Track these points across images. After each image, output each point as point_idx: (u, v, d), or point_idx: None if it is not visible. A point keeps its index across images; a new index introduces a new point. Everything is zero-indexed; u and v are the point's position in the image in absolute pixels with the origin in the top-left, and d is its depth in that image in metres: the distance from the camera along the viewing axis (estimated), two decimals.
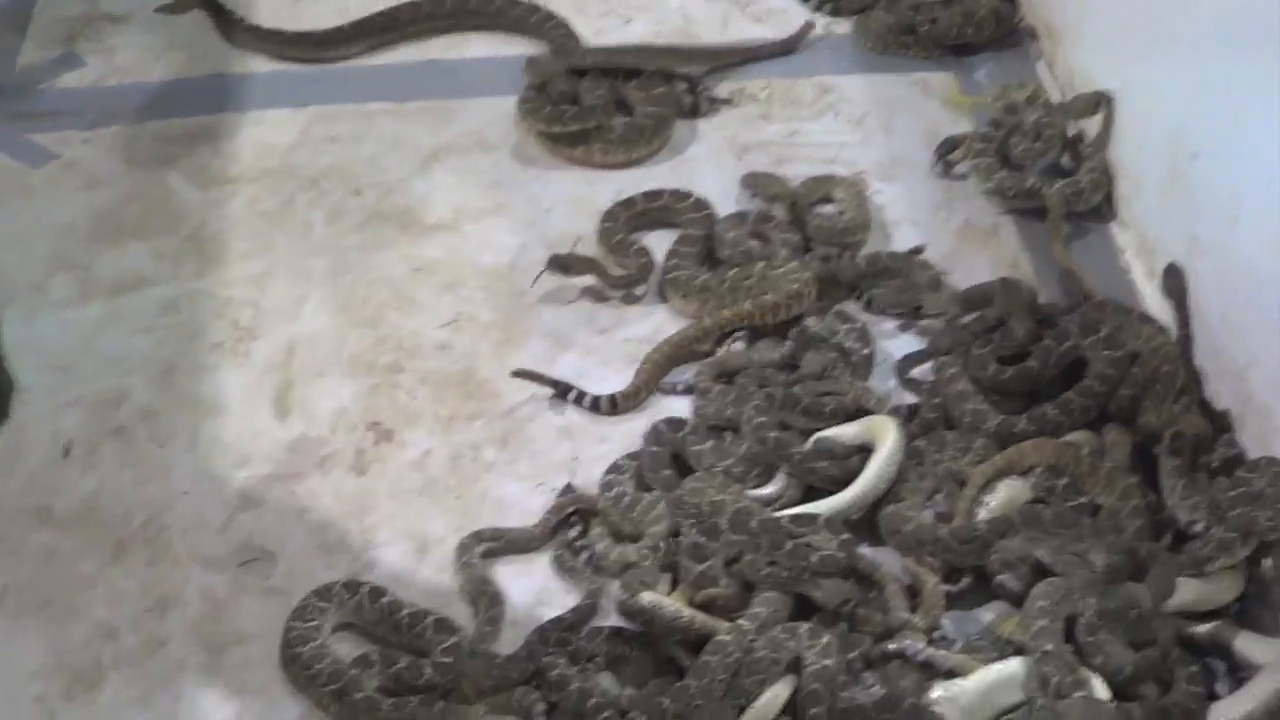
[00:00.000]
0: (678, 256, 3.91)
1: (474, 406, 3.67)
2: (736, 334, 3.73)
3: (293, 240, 4.07)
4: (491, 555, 3.36)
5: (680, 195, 4.08)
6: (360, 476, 3.54)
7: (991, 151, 4.10)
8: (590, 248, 3.99)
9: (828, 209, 4.08)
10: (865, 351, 3.68)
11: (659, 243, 3.99)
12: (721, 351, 3.71)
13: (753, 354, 3.68)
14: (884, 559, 3.30)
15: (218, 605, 3.29)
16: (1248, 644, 3.11)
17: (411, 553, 3.39)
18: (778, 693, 3.05)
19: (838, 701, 3.00)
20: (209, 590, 3.31)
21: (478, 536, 3.36)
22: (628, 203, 4.07)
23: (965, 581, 3.27)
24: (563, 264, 3.89)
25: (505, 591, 3.29)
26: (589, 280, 3.91)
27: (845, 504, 3.34)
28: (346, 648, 3.20)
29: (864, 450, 3.41)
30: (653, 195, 4.09)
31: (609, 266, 3.94)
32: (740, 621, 3.12)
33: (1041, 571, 3.18)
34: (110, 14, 4.79)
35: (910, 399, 3.61)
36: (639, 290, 3.91)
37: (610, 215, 4.05)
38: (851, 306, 3.81)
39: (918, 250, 3.92)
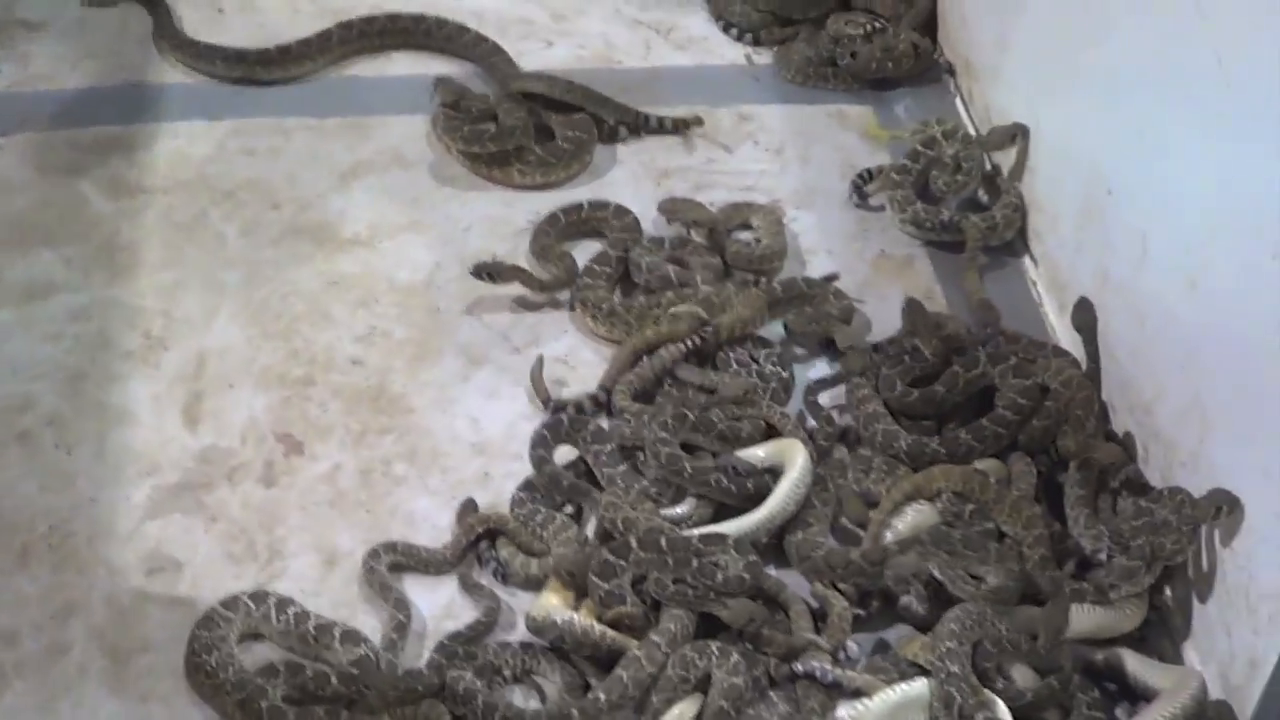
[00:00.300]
0: (591, 275, 3.93)
1: (386, 421, 3.66)
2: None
3: (206, 252, 4.05)
4: (398, 569, 3.35)
5: (600, 205, 4.13)
6: (269, 488, 3.51)
7: (908, 184, 4.14)
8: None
9: (745, 236, 4.10)
10: (784, 375, 3.70)
11: (585, 255, 4.03)
12: (641, 368, 3.71)
13: (679, 373, 3.69)
14: (790, 581, 3.31)
15: (123, 613, 3.26)
16: (1145, 670, 3.16)
17: (320, 565, 3.37)
18: (684, 710, 3.06)
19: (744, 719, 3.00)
20: (114, 598, 3.28)
21: (388, 548, 3.35)
22: (567, 210, 4.12)
23: (875, 606, 3.29)
24: (489, 271, 3.90)
25: (412, 605, 3.28)
26: (514, 288, 3.93)
27: (754, 525, 3.35)
28: (252, 658, 3.17)
29: (773, 472, 3.43)
30: (575, 209, 4.13)
31: (535, 272, 3.95)
32: (653, 637, 3.12)
33: (942, 595, 3.22)
34: (26, 20, 4.75)
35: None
36: (564, 295, 3.94)
37: (548, 221, 4.08)
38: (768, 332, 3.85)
39: (832, 277, 3.95)
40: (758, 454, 3.48)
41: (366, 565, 3.33)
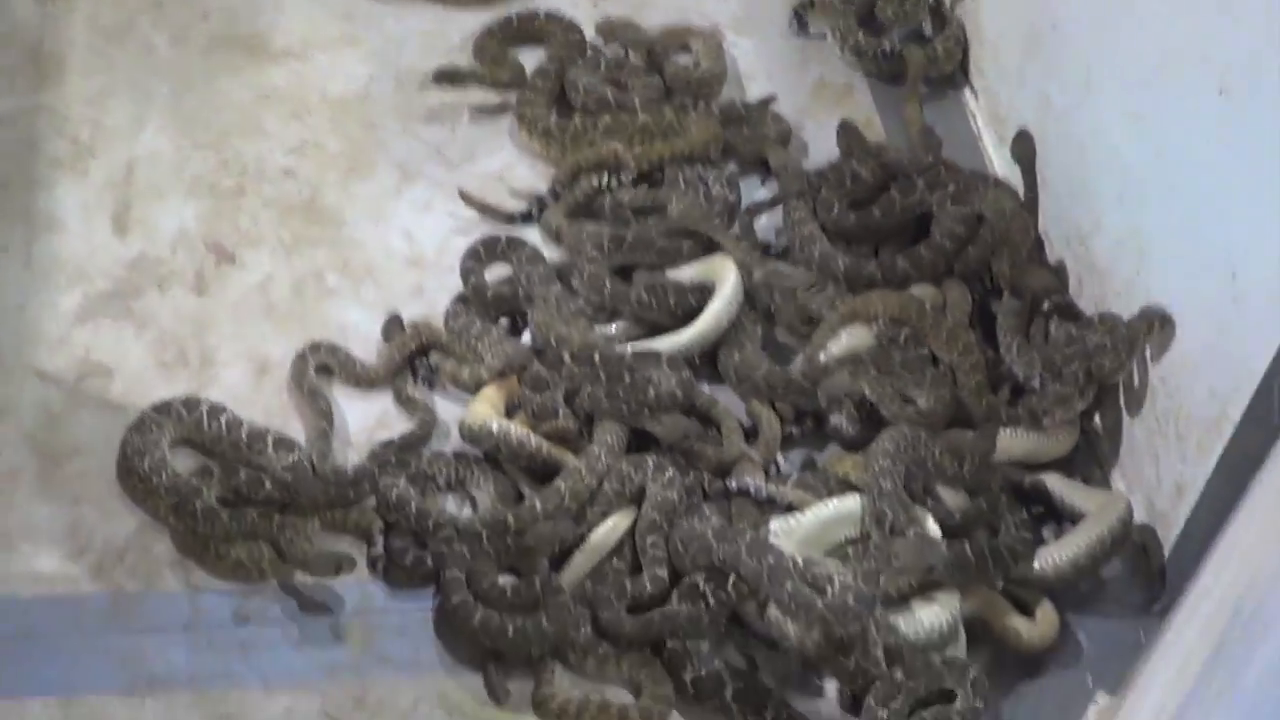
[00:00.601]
0: (532, 90, 3.89)
1: (318, 233, 3.63)
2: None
3: (134, 60, 3.97)
4: (325, 372, 3.35)
5: (553, 17, 4.08)
6: (200, 297, 3.48)
7: (851, 13, 4.11)
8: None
9: (684, 59, 4.06)
10: (732, 198, 3.69)
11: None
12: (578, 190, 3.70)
13: (619, 195, 3.67)
14: (722, 398, 3.33)
15: (54, 418, 3.23)
16: (1072, 493, 3.20)
17: (251, 373, 3.35)
18: (617, 522, 3.08)
19: (677, 531, 3.03)
20: (45, 402, 3.25)
21: (315, 349, 3.35)
22: (504, 23, 4.06)
23: (807, 425, 3.31)
24: (450, 76, 3.88)
25: (345, 416, 3.29)
26: (454, 101, 3.90)
27: (686, 342, 3.36)
28: (185, 463, 3.16)
29: (703, 290, 3.44)
30: (530, 15, 4.08)
31: (491, 73, 3.93)
32: (592, 449, 3.13)
33: (874, 417, 3.25)
34: None
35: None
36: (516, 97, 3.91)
37: (500, 25, 4.04)
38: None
39: (769, 99, 3.94)
40: (687, 272, 3.48)
41: (295, 366, 3.32)
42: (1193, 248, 3.08)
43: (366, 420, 3.30)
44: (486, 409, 3.22)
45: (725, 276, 3.41)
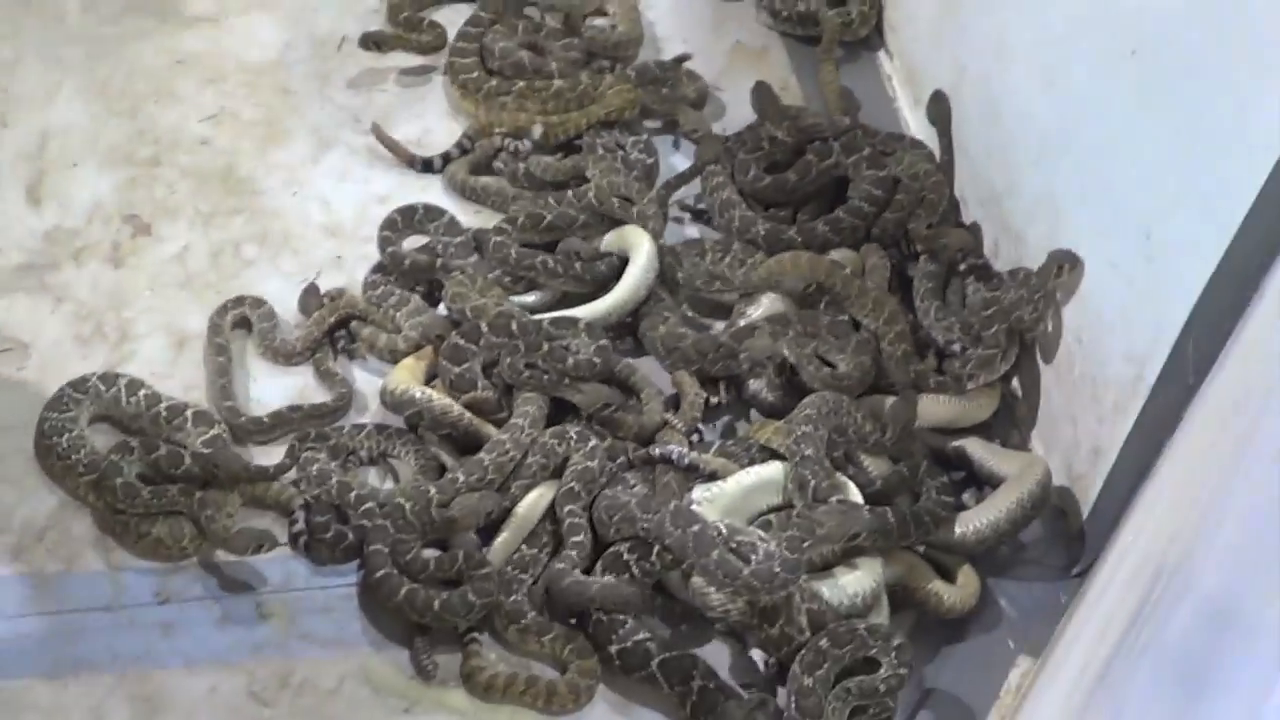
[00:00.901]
0: (464, 40, 3.88)
1: (235, 202, 3.61)
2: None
3: (45, 26, 3.94)
4: (244, 327, 3.35)
5: None
6: (117, 269, 3.46)
7: None
8: (354, 49, 3.94)
9: (600, 22, 4.05)
10: (649, 162, 3.69)
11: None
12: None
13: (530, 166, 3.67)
14: (643, 369, 3.33)
15: None
16: (991, 457, 3.22)
17: (170, 346, 3.33)
18: (542, 494, 3.07)
19: (600, 500, 3.03)
20: None
21: (238, 301, 3.36)
22: None
23: (731, 393, 3.32)
24: (375, 40, 3.88)
25: (267, 389, 3.28)
26: (370, 66, 3.90)
27: (604, 310, 3.36)
28: (103, 440, 3.13)
29: (611, 257, 3.45)
30: None
31: (414, 36, 3.94)
32: (516, 421, 3.13)
33: (793, 383, 3.25)
34: None
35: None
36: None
37: None
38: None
39: (683, 58, 3.93)
40: (600, 241, 3.49)
41: (212, 318, 3.32)
42: (1107, 209, 3.10)
43: (288, 394, 3.28)
44: (408, 376, 3.22)
45: (639, 245, 3.41)
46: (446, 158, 3.69)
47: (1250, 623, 1.96)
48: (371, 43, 3.88)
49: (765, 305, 3.38)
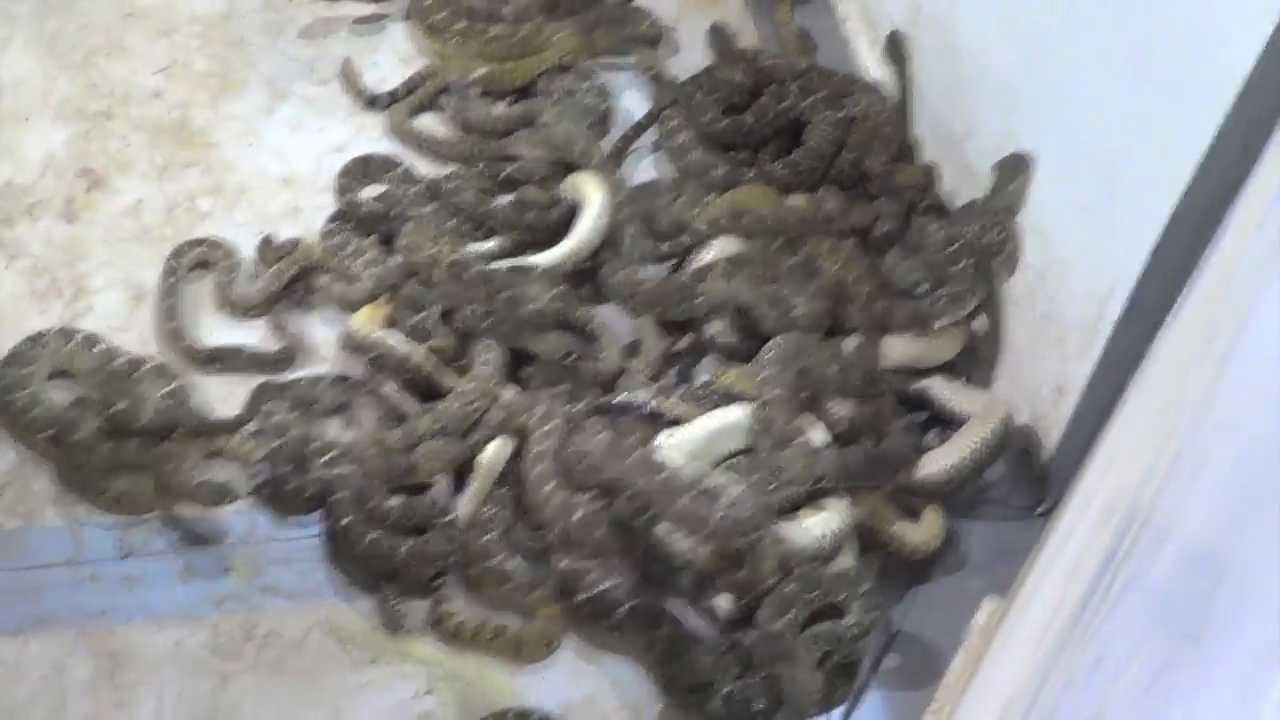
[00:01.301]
0: None
1: (189, 155, 3.58)
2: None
3: None
4: (201, 268, 3.34)
5: None
6: (71, 224, 3.42)
7: None
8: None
9: None
10: (603, 107, 3.68)
11: None
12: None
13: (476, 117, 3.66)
14: (606, 314, 3.32)
15: None
16: (954, 396, 3.22)
17: (127, 300, 3.30)
18: (505, 441, 3.05)
19: (565, 449, 3.00)
20: None
21: (195, 243, 3.35)
22: None
23: (687, 338, 3.30)
24: None
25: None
26: (344, 6, 3.90)
27: (561, 256, 3.34)
28: (61, 395, 3.11)
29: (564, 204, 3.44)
30: None
31: None
32: (482, 370, 3.11)
33: (748, 326, 3.24)
34: None
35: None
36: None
37: None
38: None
39: None
40: (557, 189, 3.48)
41: (168, 264, 3.31)
42: (1068, 147, 3.09)
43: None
44: (369, 322, 3.20)
45: (592, 193, 3.39)
46: (393, 97, 3.68)
47: (1245, 573, 1.95)
48: None
49: (722, 246, 3.37)
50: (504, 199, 3.45)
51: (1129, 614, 2.19)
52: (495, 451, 3.04)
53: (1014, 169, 3.17)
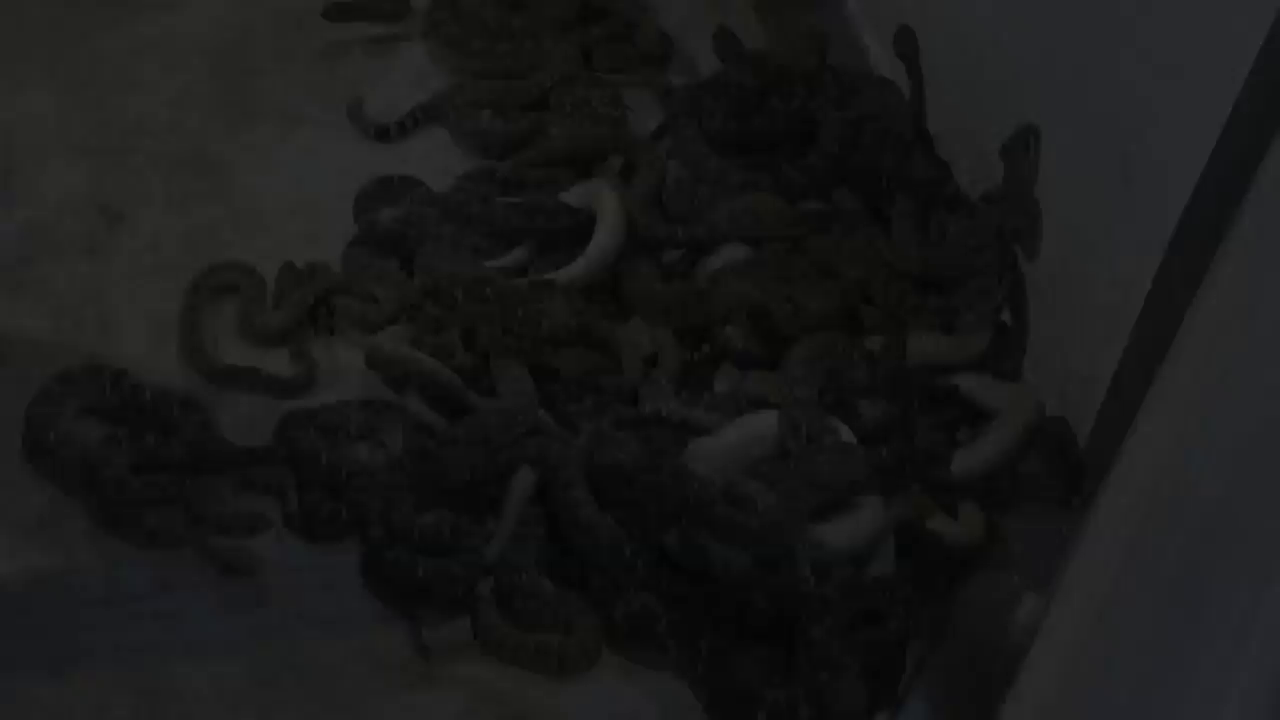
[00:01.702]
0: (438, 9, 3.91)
1: (207, 185, 3.59)
2: None
3: (3, 17, 3.90)
4: (229, 291, 3.34)
5: None
6: (93, 260, 3.43)
7: None
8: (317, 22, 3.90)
9: None
10: (616, 114, 3.68)
11: None
12: None
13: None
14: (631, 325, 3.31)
15: None
16: (983, 390, 3.19)
17: (151, 335, 3.30)
18: (529, 472, 3.02)
19: (594, 461, 2.98)
20: None
21: (229, 266, 3.36)
22: None
23: (706, 348, 3.28)
24: (340, 9, 3.86)
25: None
26: (355, 29, 3.91)
27: (578, 273, 3.33)
28: (92, 433, 3.10)
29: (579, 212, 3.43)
30: None
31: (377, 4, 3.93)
32: (511, 387, 3.11)
33: (759, 327, 3.22)
34: None
35: None
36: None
37: None
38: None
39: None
40: (570, 196, 3.46)
41: (194, 283, 3.33)
42: (1083, 132, 3.08)
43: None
44: (394, 340, 3.21)
45: (606, 205, 3.38)
46: (402, 126, 3.69)
47: (1239, 526, 1.94)
48: (335, 13, 3.86)
49: (730, 253, 3.36)
50: (510, 200, 3.45)
51: (1162, 601, 2.18)
52: (521, 482, 3.01)
53: (1023, 143, 3.15)
